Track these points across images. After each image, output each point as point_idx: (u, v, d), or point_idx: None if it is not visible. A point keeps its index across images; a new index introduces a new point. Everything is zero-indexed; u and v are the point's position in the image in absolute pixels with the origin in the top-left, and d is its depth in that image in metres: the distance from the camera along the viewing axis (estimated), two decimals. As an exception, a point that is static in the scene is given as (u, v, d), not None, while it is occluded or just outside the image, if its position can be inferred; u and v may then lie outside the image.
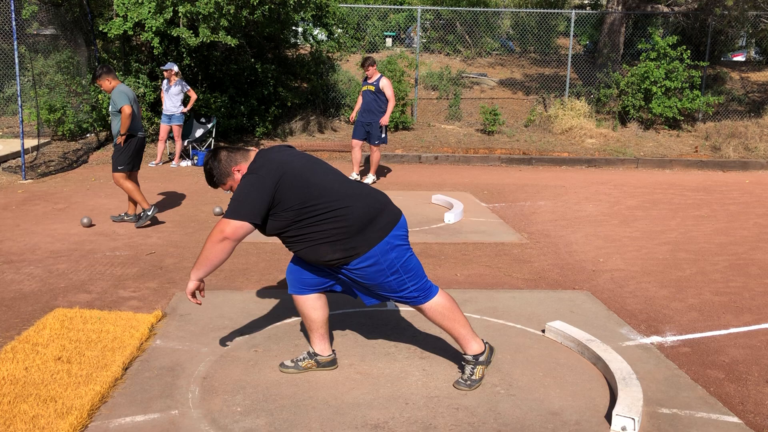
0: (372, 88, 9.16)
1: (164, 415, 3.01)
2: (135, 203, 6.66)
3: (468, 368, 3.36)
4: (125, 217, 6.74)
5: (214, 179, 3.24)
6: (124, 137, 6.41)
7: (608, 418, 3.04)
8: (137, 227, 6.52)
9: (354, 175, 9.22)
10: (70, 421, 2.83)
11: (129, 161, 6.53)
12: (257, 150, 3.24)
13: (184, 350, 3.70)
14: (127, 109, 6.29)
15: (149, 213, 6.50)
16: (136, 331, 3.84)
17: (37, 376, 3.28)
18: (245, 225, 3.03)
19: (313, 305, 3.40)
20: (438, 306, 3.28)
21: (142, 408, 3.06)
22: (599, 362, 3.57)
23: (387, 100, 9.17)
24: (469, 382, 3.33)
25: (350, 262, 3.14)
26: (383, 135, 9.24)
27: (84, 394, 3.09)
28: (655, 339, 4.08)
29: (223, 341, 3.83)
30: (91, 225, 6.53)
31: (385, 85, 9.14)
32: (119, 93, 6.35)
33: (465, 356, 3.36)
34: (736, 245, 6.47)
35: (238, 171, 3.18)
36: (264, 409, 3.09)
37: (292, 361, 3.50)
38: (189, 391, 3.23)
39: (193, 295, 3.20)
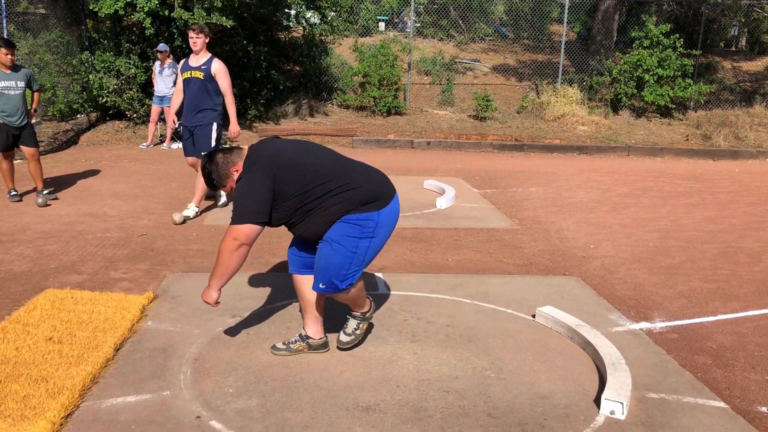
0: (200, 74, 6.10)
1: (156, 395, 3.02)
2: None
3: (354, 323, 3.48)
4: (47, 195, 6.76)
5: (214, 182, 3.24)
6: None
7: (597, 402, 3.08)
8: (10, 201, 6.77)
9: (194, 208, 6.28)
10: (62, 401, 2.83)
11: None
12: (248, 147, 3.25)
13: (175, 332, 3.71)
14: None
15: (14, 194, 6.80)
16: (128, 313, 3.83)
17: (28, 356, 3.28)
18: (255, 227, 3.06)
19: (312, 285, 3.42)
20: (354, 291, 3.31)
21: (133, 389, 3.07)
22: (589, 347, 3.60)
23: (221, 93, 6.23)
24: (353, 337, 3.49)
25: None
26: (212, 144, 6.19)
27: (75, 374, 3.09)
28: (644, 325, 4.11)
29: (215, 323, 3.84)
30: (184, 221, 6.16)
31: (219, 70, 6.14)
32: (31, 72, 6.70)
33: (353, 313, 3.47)
34: (726, 233, 6.52)
35: (236, 171, 3.18)
36: (256, 390, 3.10)
37: (283, 343, 3.51)
38: (181, 373, 3.24)
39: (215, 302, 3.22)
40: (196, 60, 6.17)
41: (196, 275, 4.67)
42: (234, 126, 6.30)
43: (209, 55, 6.19)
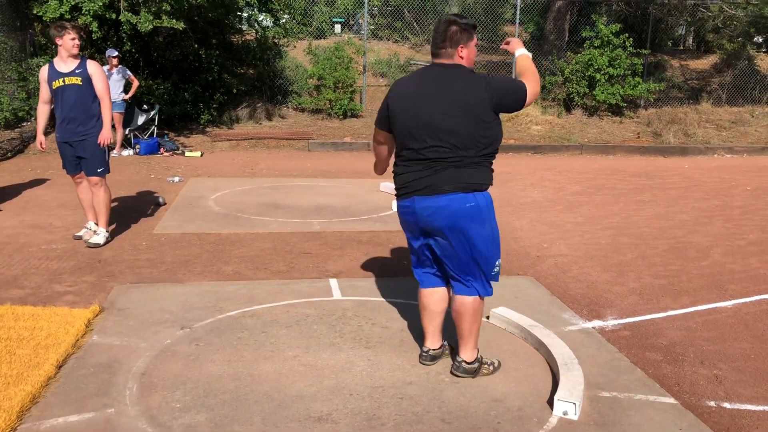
0: (77, 80, 5.31)
1: (100, 413, 2.91)
2: None
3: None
4: None
5: (473, 30, 3.29)
6: None
7: (551, 403, 3.07)
8: None
9: (92, 226, 5.78)
10: (-2, 424, 2.71)
11: None
12: None
13: (122, 346, 3.59)
14: None
15: None
16: (72, 327, 3.70)
17: (-37, 377, 3.13)
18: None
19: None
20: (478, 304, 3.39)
21: (76, 407, 2.95)
22: (542, 348, 3.61)
23: (98, 99, 5.44)
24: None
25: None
26: (106, 157, 5.64)
27: (13, 395, 2.96)
28: (597, 323, 4.15)
29: (163, 336, 3.73)
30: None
31: (96, 72, 5.39)
32: None
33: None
34: (676, 229, 6.64)
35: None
36: (204, 404, 3.02)
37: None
38: (126, 389, 3.14)
39: None
40: (67, 65, 5.31)
41: (144, 286, 4.54)
42: (106, 132, 5.43)
43: (80, 57, 5.38)
